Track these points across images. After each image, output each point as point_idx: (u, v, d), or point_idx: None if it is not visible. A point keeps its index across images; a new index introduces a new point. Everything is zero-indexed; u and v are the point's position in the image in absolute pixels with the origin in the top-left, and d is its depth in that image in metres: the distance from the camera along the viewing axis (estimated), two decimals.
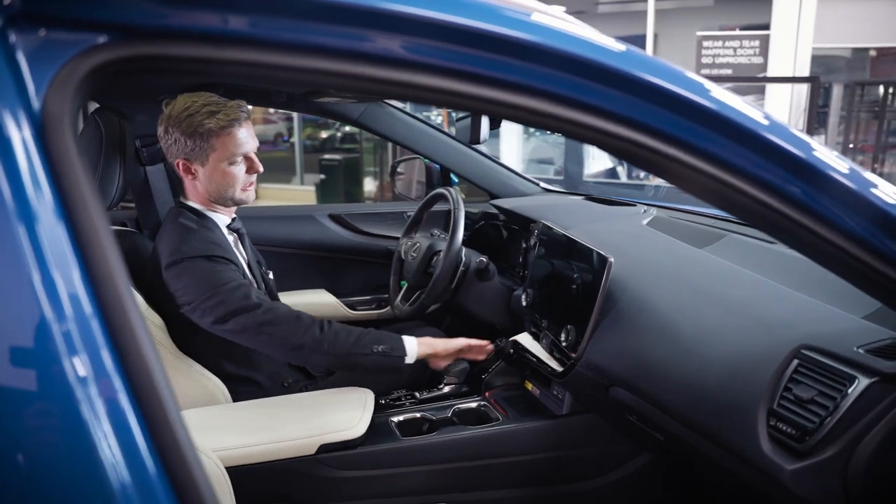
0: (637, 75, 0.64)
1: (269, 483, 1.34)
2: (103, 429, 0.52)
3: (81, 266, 0.53)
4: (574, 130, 0.66)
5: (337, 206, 2.39)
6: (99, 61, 0.56)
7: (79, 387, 0.52)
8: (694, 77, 0.68)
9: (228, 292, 1.41)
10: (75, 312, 0.52)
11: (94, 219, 0.54)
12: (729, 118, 0.66)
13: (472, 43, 0.61)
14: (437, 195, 1.98)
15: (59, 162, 0.54)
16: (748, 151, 0.67)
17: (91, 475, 0.52)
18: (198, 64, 0.59)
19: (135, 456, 0.53)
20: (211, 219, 1.55)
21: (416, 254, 1.91)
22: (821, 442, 0.90)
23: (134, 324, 0.55)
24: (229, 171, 1.49)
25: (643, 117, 0.65)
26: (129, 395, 0.54)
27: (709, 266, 1.40)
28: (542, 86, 0.63)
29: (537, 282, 1.69)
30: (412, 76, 0.61)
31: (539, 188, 2.36)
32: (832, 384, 0.92)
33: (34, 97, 0.54)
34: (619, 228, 1.73)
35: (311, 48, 0.60)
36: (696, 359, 1.15)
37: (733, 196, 0.68)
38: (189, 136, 1.43)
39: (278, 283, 2.09)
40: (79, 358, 0.52)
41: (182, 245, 1.44)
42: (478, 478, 1.50)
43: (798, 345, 0.99)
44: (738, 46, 5.96)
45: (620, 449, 1.56)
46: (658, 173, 0.72)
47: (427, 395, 1.66)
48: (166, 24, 0.57)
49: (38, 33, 0.55)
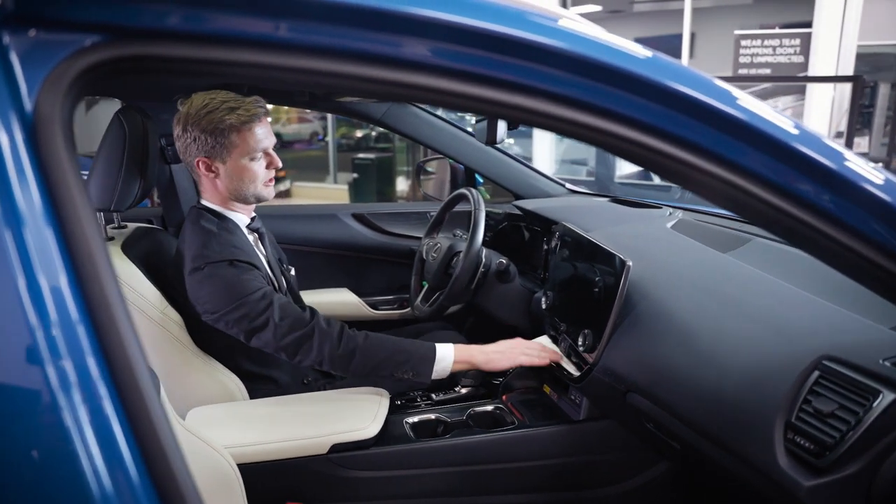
0: (661, 82, 0.62)
1: (282, 481, 1.34)
2: (87, 435, 0.52)
3: (68, 268, 0.53)
4: (593, 136, 0.64)
5: (360, 206, 2.40)
6: (90, 62, 0.56)
7: (62, 393, 0.52)
8: (722, 85, 0.65)
9: (252, 304, 1.39)
10: (60, 316, 0.52)
11: (82, 221, 0.54)
12: (758, 127, 0.64)
13: (495, 48, 0.60)
14: (458, 195, 1.97)
15: (49, 163, 0.55)
16: (775, 161, 0.64)
17: (74, 483, 0.52)
18: (187, 64, 0.59)
19: (119, 463, 0.53)
20: (231, 219, 1.55)
21: (437, 254, 1.90)
22: (841, 458, 0.86)
23: (122, 329, 0.54)
24: (250, 166, 1.48)
25: (668, 125, 0.63)
26: (115, 401, 0.53)
27: (732, 271, 1.36)
28: (571, 94, 0.62)
29: (557, 284, 1.67)
30: (423, 79, 0.60)
31: (564, 189, 2.33)
32: (854, 398, 0.88)
33: (26, 98, 0.55)
34: (642, 231, 1.70)
35: (309, 49, 0.59)
36: (714, 367, 1.11)
37: (758, 206, 0.66)
38: (210, 133, 1.43)
39: (302, 281, 2.10)
40: (64, 363, 0.52)
41: (204, 250, 1.43)
42: (492, 482, 1.48)
43: (820, 355, 0.95)
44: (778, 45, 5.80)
45: (639, 456, 1.52)
46: (683, 184, 0.69)
47: (443, 396, 1.65)
48: (156, 24, 0.57)
49: (31, 34, 0.55)
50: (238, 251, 1.46)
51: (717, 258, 1.44)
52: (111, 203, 1.45)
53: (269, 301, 1.41)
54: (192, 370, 1.48)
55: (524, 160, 2.34)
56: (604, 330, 1.35)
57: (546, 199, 2.19)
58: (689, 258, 1.47)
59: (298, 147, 12.22)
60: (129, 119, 1.47)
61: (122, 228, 1.64)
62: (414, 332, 2.02)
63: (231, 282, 1.41)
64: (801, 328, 1.08)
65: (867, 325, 1.02)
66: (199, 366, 1.50)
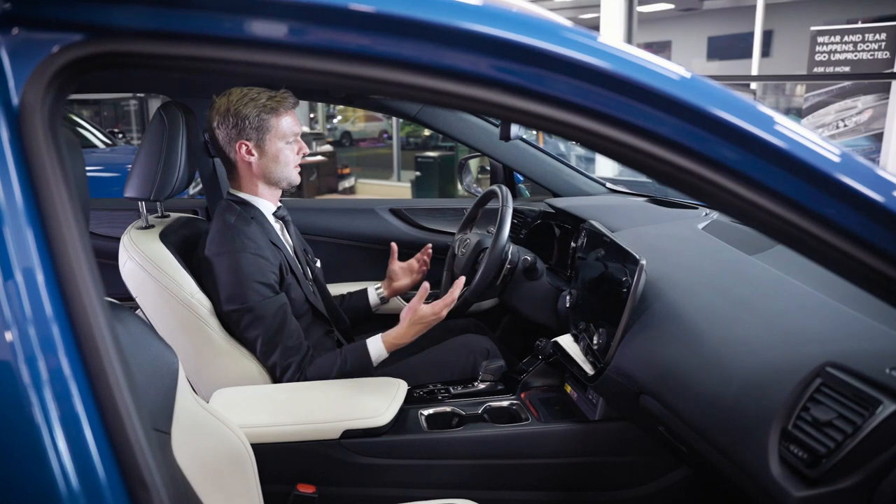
0: (690, 102, 0.61)
1: (295, 463, 1.39)
2: (57, 435, 0.55)
3: (44, 260, 0.57)
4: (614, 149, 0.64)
5: (398, 201, 2.44)
6: (71, 58, 0.61)
7: (33, 391, 0.55)
8: (762, 109, 0.63)
9: (250, 299, 1.52)
10: (29, 289, 0.57)
11: (58, 210, 0.59)
12: (801, 158, 0.61)
13: (536, 62, 0.60)
14: (490, 192, 1.98)
15: (31, 149, 0.60)
16: (818, 191, 0.62)
17: (42, 481, 0.55)
18: (160, 59, 0.64)
19: (87, 461, 0.56)
20: (256, 207, 1.64)
21: (466, 249, 1.92)
22: (834, 470, 0.82)
23: (92, 314, 0.58)
24: (285, 149, 1.62)
25: (696, 144, 0.62)
26: (88, 402, 0.57)
27: (753, 274, 1.31)
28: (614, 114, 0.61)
29: (581, 282, 1.65)
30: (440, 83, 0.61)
31: (604, 188, 2.30)
32: (854, 407, 0.84)
33: (13, 93, 0.60)
34: (671, 232, 1.66)
35: (295, 47, 0.62)
36: (718, 370, 1.08)
37: (799, 236, 0.64)
38: (251, 118, 1.57)
39: (339, 273, 2.16)
40: (38, 362, 0.55)
41: (221, 239, 1.55)
42: (503, 477, 1.49)
43: (823, 362, 0.91)
44: (860, 41, 5.45)
45: (656, 461, 1.49)
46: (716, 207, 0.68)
47: (461, 390, 1.66)
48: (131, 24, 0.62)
49: (20, 34, 0.61)
50: (251, 242, 1.55)
51: (742, 260, 1.39)
52: (150, 193, 1.54)
53: (264, 308, 1.53)
54: (219, 354, 1.56)
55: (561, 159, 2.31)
56: (617, 329, 1.34)
57: (580, 197, 2.17)
58: (712, 260, 1.43)
59: (364, 145, 12.50)
60: (170, 114, 1.56)
61: (165, 218, 1.73)
62: (444, 328, 2.04)
63: (236, 275, 1.51)
64: (812, 333, 1.04)
65: (883, 332, 0.98)
66: (227, 350, 1.56)
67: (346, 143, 12.72)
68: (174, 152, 1.56)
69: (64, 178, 0.61)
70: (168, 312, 1.50)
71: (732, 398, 1.03)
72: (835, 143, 0.65)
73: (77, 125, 5.85)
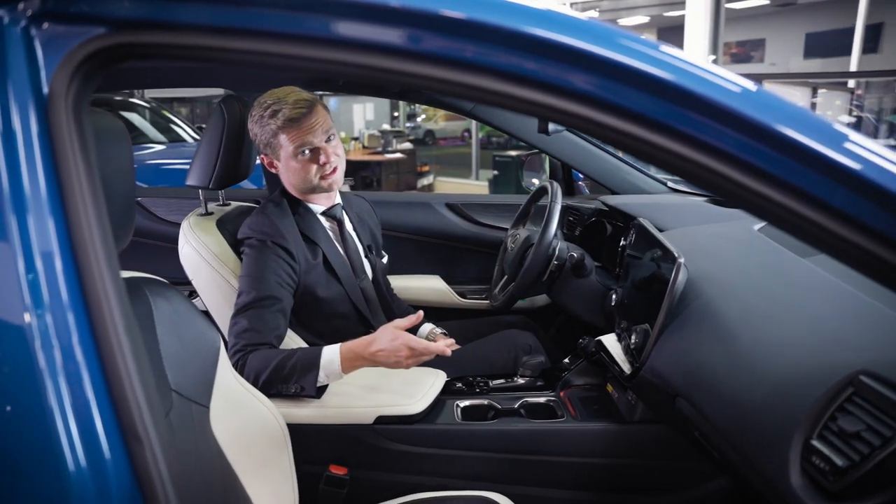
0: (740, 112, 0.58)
1: (329, 445, 1.44)
2: (69, 424, 0.60)
3: (65, 250, 0.62)
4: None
5: (454, 196, 2.46)
6: (94, 48, 0.67)
7: (49, 378, 0.60)
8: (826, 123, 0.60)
9: (249, 287, 1.50)
10: (45, 266, 0.62)
11: (76, 194, 0.64)
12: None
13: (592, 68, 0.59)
14: (542, 188, 1.97)
15: (55, 134, 0.66)
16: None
17: (53, 470, 0.59)
18: (176, 49, 0.68)
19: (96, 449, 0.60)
20: (305, 204, 1.69)
21: (515, 245, 1.92)
22: (857, 485, 0.77)
23: (105, 302, 0.62)
24: (298, 164, 1.60)
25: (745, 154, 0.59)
26: (100, 391, 0.61)
27: (801, 277, 1.25)
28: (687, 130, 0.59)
29: (626, 281, 1.62)
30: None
31: (665, 187, 2.24)
32: (885, 419, 0.79)
33: (45, 82, 0.67)
34: (723, 232, 1.60)
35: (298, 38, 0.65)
36: (748, 374, 1.04)
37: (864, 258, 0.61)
38: (262, 136, 1.59)
39: (395, 265, 2.20)
40: (53, 347, 0.59)
41: (249, 226, 1.60)
42: (535, 473, 1.48)
43: (857, 370, 0.86)
44: None
45: (693, 468, 1.44)
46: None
47: (500, 384, 1.66)
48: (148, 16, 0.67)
49: (53, 28, 0.67)
50: (274, 232, 1.57)
51: (792, 262, 1.32)
52: (209, 182, 1.64)
53: (264, 288, 1.49)
54: None
55: (621, 157, 2.26)
56: (654, 328, 1.30)
57: (636, 195, 2.12)
58: (759, 261, 1.37)
59: (444, 143, 12.63)
60: (229, 107, 1.65)
61: (226, 206, 1.83)
62: (493, 324, 2.05)
63: (253, 260, 1.54)
64: (851, 339, 0.98)
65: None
66: None
67: (428, 141, 12.91)
68: (232, 144, 1.64)
69: (86, 164, 0.66)
70: (220, 296, 1.59)
71: (759, 403, 0.99)
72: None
73: (170, 122, 6.23)
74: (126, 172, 0.86)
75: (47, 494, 0.61)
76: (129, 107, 6.02)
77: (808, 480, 0.84)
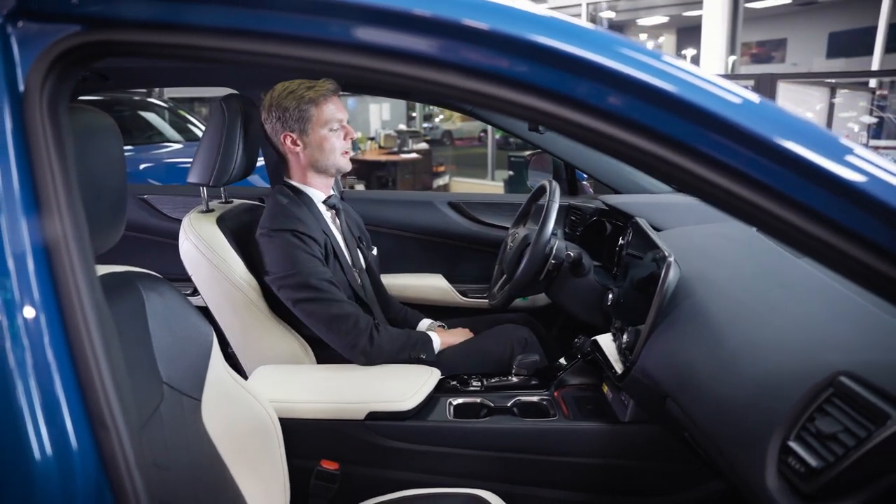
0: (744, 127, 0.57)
1: (321, 440, 1.45)
2: (36, 414, 0.61)
3: (35, 242, 0.63)
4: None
5: (456, 194, 2.46)
6: (68, 46, 0.69)
7: (20, 381, 0.61)
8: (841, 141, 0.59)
9: (305, 275, 1.58)
10: (17, 265, 0.63)
11: (50, 191, 0.66)
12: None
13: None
14: (542, 188, 1.96)
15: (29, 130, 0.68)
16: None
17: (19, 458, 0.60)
18: (149, 48, 0.70)
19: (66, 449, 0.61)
20: (307, 194, 1.73)
21: (514, 243, 1.92)
22: (830, 486, 0.77)
23: (78, 302, 0.63)
24: (329, 136, 1.69)
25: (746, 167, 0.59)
26: (69, 383, 0.62)
27: (795, 277, 1.23)
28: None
29: (624, 280, 1.62)
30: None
31: (668, 187, 2.22)
32: (861, 421, 0.78)
33: (20, 79, 0.68)
34: (723, 231, 1.59)
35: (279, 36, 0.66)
36: (731, 376, 1.03)
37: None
38: (293, 110, 1.65)
39: (397, 264, 2.22)
40: (24, 350, 0.60)
41: (273, 219, 1.64)
42: (525, 471, 1.47)
43: (837, 371, 0.85)
44: None
45: (686, 470, 1.43)
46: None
47: (494, 382, 1.66)
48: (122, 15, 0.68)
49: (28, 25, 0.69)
50: (300, 223, 1.63)
51: (788, 263, 1.31)
52: (209, 179, 1.66)
53: (319, 279, 1.59)
54: (265, 332, 1.65)
55: None
56: (644, 327, 1.30)
57: (637, 195, 2.10)
58: (755, 261, 1.36)
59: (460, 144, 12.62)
60: (230, 106, 1.67)
61: (228, 203, 1.85)
62: (494, 322, 2.05)
63: (288, 249, 1.59)
64: (837, 340, 0.97)
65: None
66: (273, 329, 1.65)
67: (446, 141, 12.92)
68: (232, 142, 1.66)
69: (61, 162, 0.67)
70: (219, 292, 1.61)
71: (742, 405, 0.98)
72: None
73: (187, 121, 6.31)
74: (115, 169, 0.86)
75: (12, 481, 0.63)
76: (147, 106, 6.11)
77: (784, 482, 0.83)
